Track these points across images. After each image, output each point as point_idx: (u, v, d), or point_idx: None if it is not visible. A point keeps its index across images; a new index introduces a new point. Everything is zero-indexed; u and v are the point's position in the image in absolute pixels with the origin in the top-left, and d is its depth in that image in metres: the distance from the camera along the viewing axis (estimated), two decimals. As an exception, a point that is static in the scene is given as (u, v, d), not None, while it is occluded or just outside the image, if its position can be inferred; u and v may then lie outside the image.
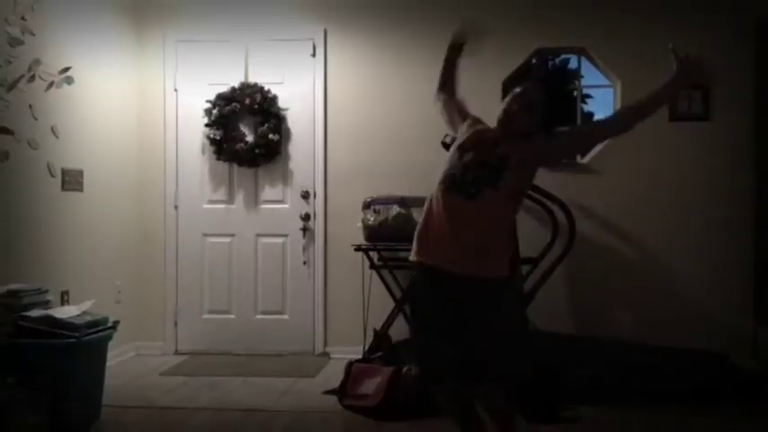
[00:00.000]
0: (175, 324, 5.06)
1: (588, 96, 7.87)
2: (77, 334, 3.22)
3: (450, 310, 2.43)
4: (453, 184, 2.46)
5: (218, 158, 4.98)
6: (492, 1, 4.84)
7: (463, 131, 2.68)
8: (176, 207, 5.09)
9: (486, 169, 2.45)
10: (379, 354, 4.02)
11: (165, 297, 5.06)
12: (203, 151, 5.06)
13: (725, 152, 4.67)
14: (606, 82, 4.94)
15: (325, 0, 4.98)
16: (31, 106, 3.57)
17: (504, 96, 4.82)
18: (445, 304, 2.44)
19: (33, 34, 3.58)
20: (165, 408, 3.73)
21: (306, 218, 4.97)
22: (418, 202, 4.34)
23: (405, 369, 3.64)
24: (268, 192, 5.04)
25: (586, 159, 4.86)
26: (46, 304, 3.47)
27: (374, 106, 4.93)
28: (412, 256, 2.55)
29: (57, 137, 3.68)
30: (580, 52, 4.95)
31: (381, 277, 4.50)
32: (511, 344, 2.46)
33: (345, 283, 4.79)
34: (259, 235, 5.05)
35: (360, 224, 4.42)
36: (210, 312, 5.07)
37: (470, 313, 2.41)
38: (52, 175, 3.74)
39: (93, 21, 4.56)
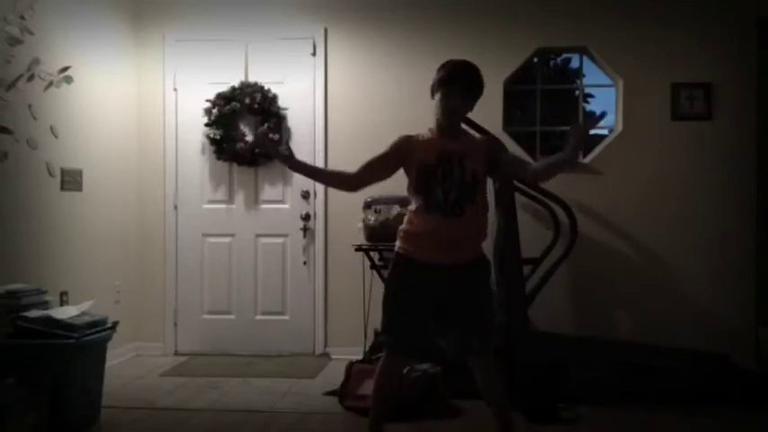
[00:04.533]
0: (175, 324, 5.05)
1: (590, 96, 7.84)
2: (77, 335, 3.21)
3: (431, 302, 2.65)
4: (437, 207, 2.62)
5: (219, 158, 4.97)
6: (492, 1, 4.83)
7: (408, 154, 2.70)
8: (176, 207, 5.07)
9: (464, 187, 2.62)
10: (380, 354, 4.00)
11: (164, 297, 5.05)
12: (203, 151, 5.05)
13: (727, 151, 4.66)
14: (608, 81, 4.92)
15: (326, -1, 4.98)
16: (30, 106, 3.56)
17: (505, 97, 4.86)
18: (430, 298, 2.65)
19: (32, 33, 3.57)
20: (165, 409, 3.72)
21: (306, 218, 4.96)
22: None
23: (405, 370, 3.62)
24: (268, 192, 5.02)
25: (588, 159, 4.85)
26: (45, 305, 3.46)
27: (374, 105, 4.91)
28: (401, 250, 2.71)
29: (56, 136, 3.68)
30: (582, 51, 4.94)
31: (382, 278, 4.49)
32: (490, 316, 2.74)
33: (346, 283, 4.78)
34: (259, 235, 5.03)
35: (360, 224, 4.40)
36: (210, 313, 5.06)
37: (452, 302, 2.64)
38: (51, 175, 3.74)
39: (92, 20, 4.55)
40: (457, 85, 2.64)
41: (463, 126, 2.83)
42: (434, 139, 2.69)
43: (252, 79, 4.97)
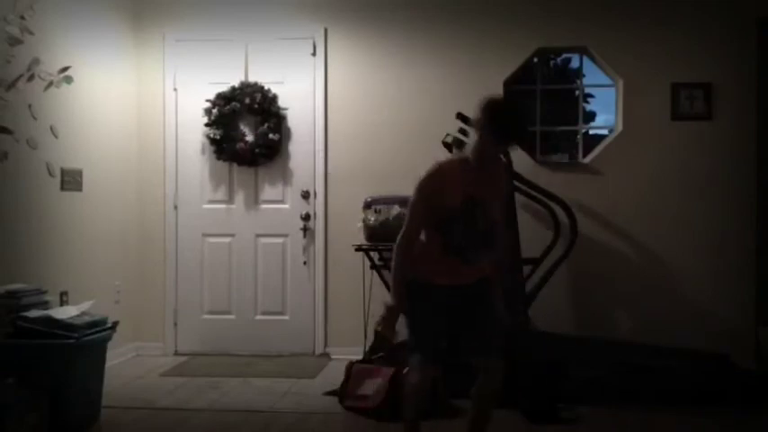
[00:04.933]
0: (175, 324, 5.05)
1: (590, 96, 7.85)
2: (77, 335, 3.21)
3: (446, 312, 2.68)
4: (455, 251, 2.60)
5: (219, 158, 4.97)
6: (492, 0, 4.83)
7: (435, 194, 2.59)
8: (176, 207, 5.07)
9: (485, 234, 2.62)
10: (380, 354, 4.00)
11: (164, 297, 5.05)
12: (203, 151, 5.04)
13: (727, 151, 4.66)
14: (608, 81, 4.92)
15: (326, -1, 4.98)
16: (30, 106, 3.56)
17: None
18: (444, 309, 2.67)
19: (32, 33, 3.57)
20: (165, 409, 3.72)
21: (306, 218, 4.96)
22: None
23: (405, 370, 3.62)
24: (268, 192, 5.02)
25: (588, 159, 4.85)
26: (45, 305, 3.46)
27: (374, 105, 4.91)
28: (422, 278, 2.66)
29: (56, 136, 3.67)
30: (582, 51, 4.94)
31: (382, 277, 4.49)
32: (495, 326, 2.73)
33: (346, 283, 4.78)
34: (259, 235, 5.03)
35: (360, 224, 4.40)
36: (210, 313, 5.06)
37: (464, 312, 2.67)
38: (51, 175, 3.73)
39: (92, 20, 4.54)
40: (504, 138, 2.56)
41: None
42: (459, 177, 2.58)
43: (252, 79, 4.97)
